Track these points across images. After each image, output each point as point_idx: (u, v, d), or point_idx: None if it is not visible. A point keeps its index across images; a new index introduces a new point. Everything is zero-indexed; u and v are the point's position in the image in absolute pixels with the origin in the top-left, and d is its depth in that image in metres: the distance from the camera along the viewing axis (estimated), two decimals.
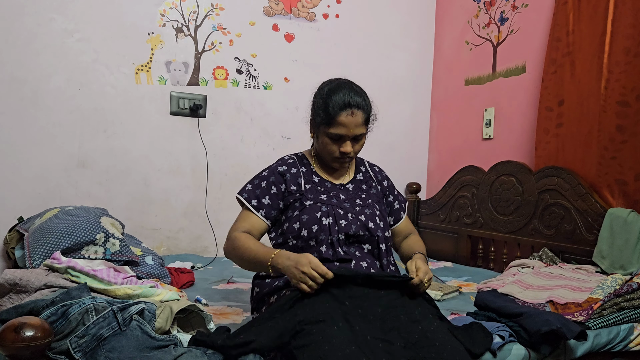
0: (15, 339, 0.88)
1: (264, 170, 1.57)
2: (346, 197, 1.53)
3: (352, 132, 1.42)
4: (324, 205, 1.46)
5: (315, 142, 1.55)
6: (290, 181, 1.51)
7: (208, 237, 2.83)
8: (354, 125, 1.41)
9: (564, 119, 2.35)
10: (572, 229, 2.24)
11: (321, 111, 1.43)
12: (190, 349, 1.13)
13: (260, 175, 1.55)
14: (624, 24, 2.07)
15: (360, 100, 1.43)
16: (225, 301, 1.87)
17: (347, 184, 1.57)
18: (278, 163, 1.57)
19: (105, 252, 1.84)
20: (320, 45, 3.07)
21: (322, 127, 1.45)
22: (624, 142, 2.06)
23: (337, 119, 1.40)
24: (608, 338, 1.58)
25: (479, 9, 3.03)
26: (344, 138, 1.43)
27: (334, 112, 1.40)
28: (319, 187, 1.52)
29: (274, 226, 1.54)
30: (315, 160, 1.58)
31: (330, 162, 1.52)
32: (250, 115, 2.94)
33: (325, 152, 1.49)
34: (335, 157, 1.48)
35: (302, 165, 1.56)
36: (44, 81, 2.50)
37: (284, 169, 1.53)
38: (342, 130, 1.41)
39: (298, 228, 1.44)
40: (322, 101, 1.44)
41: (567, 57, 2.34)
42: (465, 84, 3.11)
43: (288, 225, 1.47)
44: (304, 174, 1.54)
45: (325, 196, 1.50)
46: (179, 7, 2.76)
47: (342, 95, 1.42)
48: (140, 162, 2.70)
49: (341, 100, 1.41)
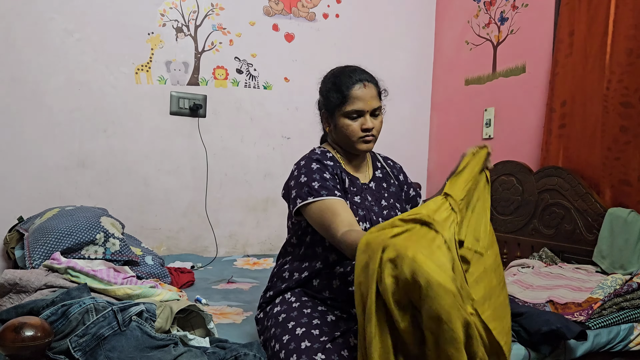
0: (15, 338, 0.88)
1: (300, 173, 1.37)
2: (372, 198, 1.45)
3: (369, 104, 1.37)
4: (360, 209, 1.39)
5: (333, 133, 1.45)
6: (334, 170, 1.39)
7: (208, 237, 2.83)
8: (370, 96, 1.37)
9: (567, 120, 2.35)
10: (572, 228, 2.24)
11: (333, 93, 1.39)
12: (190, 349, 1.13)
13: (299, 178, 1.35)
14: (626, 25, 2.07)
15: (368, 75, 1.42)
16: (225, 301, 1.87)
17: (370, 183, 1.49)
18: (308, 160, 1.40)
19: (105, 252, 1.84)
20: (320, 45, 3.07)
21: (338, 111, 1.38)
22: (628, 143, 2.06)
23: (351, 93, 1.36)
24: (608, 338, 1.58)
25: (479, 9, 3.02)
26: (362, 113, 1.37)
27: (346, 88, 1.37)
28: (352, 187, 1.42)
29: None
30: (342, 156, 1.46)
31: (355, 145, 1.40)
32: (250, 115, 2.94)
33: (347, 136, 1.39)
34: (359, 138, 1.38)
35: (330, 160, 1.42)
36: (44, 81, 2.50)
37: (319, 165, 1.38)
38: (359, 105, 1.36)
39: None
40: (332, 84, 1.40)
41: (569, 58, 2.34)
42: (465, 83, 3.11)
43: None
44: (339, 168, 1.42)
45: (358, 197, 1.42)
46: (179, 7, 2.76)
47: (350, 72, 1.40)
48: (140, 162, 2.70)
49: (351, 77, 1.38)
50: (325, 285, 1.33)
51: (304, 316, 1.25)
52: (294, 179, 1.37)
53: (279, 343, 1.20)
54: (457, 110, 3.17)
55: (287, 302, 1.33)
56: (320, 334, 1.18)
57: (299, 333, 1.19)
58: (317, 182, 1.32)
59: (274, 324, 1.28)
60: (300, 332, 1.19)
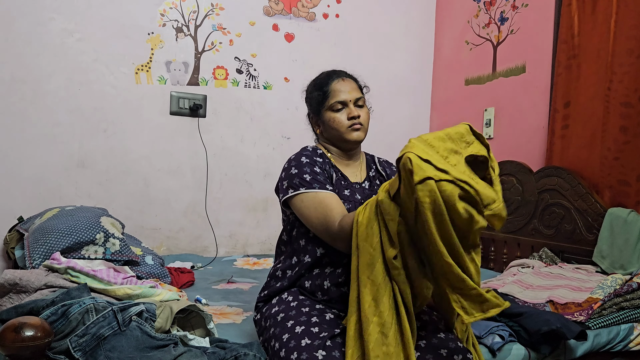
0: (15, 338, 0.88)
1: (290, 166, 1.39)
2: (362, 196, 1.45)
3: (350, 94, 1.42)
4: (347, 202, 1.39)
5: (323, 131, 1.48)
6: (323, 166, 1.41)
7: (208, 237, 2.83)
8: (350, 88, 1.43)
9: (569, 121, 2.35)
10: (572, 229, 2.24)
11: (314, 93, 1.46)
12: (190, 349, 1.13)
13: (289, 170, 1.38)
14: (628, 26, 2.07)
15: (344, 73, 1.48)
16: (225, 301, 1.87)
17: (363, 183, 1.49)
18: (298, 155, 1.42)
19: (105, 251, 1.84)
20: (320, 45, 3.07)
21: (322, 107, 1.44)
22: (627, 143, 2.07)
23: (330, 87, 1.43)
24: (608, 338, 1.58)
25: (479, 9, 3.03)
26: (346, 103, 1.42)
27: (326, 84, 1.44)
28: (342, 181, 1.44)
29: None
30: (332, 155, 1.48)
31: (345, 136, 1.42)
32: (250, 115, 2.94)
33: (336, 128, 1.42)
34: (348, 127, 1.42)
35: (320, 156, 1.44)
36: (44, 81, 2.50)
37: (308, 159, 1.40)
38: (341, 96, 1.42)
39: None
40: (312, 86, 1.49)
41: (572, 60, 2.34)
42: (465, 83, 3.11)
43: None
44: (328, 164, 1.44)
45: (348, 191, 1.43)
46: (179, 7, 2.76)
47: (327, 73, 1.48)
48: (140, 162, 2.70)
49: (329, 76, 1.46)
50: (318, 287, 1.33)
51: (302, 314, 1.25)
52: (284, 171, 1.40)
53: (279, 342, 1.20)
54: (457, 110, 3.17)
55: (284, 301, 1.33)
56: (319, 331, 1.18)
57: (298, 331, 1.19)
58: (308, 175, 1.34)
59: (272, 324, 1.28)
60: (299, 330, 1.20)
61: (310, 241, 1.36)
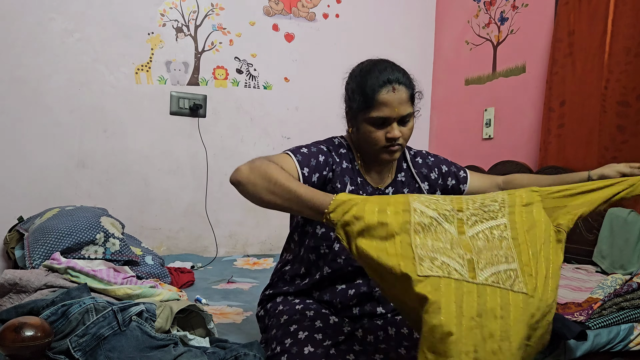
0: (15, 338, 0.88)
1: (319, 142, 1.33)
2: None
3: (396, 111, 1.22)
4: None
5: (355, 133, 1.30)
6: (338, 176, 1.28)
7: (208, 237, 2.83)
8: (398, 102, 1.21)
9: (565, 120, 2.35)
10: (572, 228, 2.23)
11: (357, 95, 1.23)
12: (190, 349, 1.13)
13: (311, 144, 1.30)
14: (624, 24, 2.07)
15: (401, 75, 1.26)
16: (225, 301, 1.87)
17: (386, 189, 1.35)
18: (331, 146, 1.33)
19: (105, 251, 1.84)
20: (320, 45, 3.07)
21: (361, 114, 1.24)
22: (625, 142, 2.06)
23: (377, 98, 1.20)
24: (608, 338, 1.58)
25: (479, 9, 3.03)
26: (389, 121, 1.22)
27: (372, 91, 1.21)
28: (360, 191, 1.31)
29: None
30: (360, 156, 1.35)
31: (378, 154, 1.27)
32: (250, 115, 2.94)
33: (370, 143, 1.25)
34: (383, 147, 1.24)
35: (340, 156, 1.33)
36: (44, 81, 2.50)
37: (335, 159, 1.30)
38: (385, 112, 1.21)
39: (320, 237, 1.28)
40: (357, 84, 1.25)
41: (568, 58, 2.34)
42: (465, 83, 3.11)
43: (312, 231, 1.31)
44: (351, 173, 1.32)
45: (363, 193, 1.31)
46: (179, 7, 2.76)
47: (379, 72, 1.23)
48: (140, 162, 2.70)
49: (379, 77, 1.22)
50: (327, 303, 1.31)
51: (306, 319, 1.23)
52: (310, 144, 1.31)
53: (281, 346, 1.17)
54: (457, 110, 3.17)
55: (289, 302, 1.32)
56: (323, 339, 1.15)
57: (301, 337, 1.16)
58: (306, 149, 1.26)
59: (275, 325, 1.26)
60: (302, 336, 1.16)
61: (321, 258, 1.30)
